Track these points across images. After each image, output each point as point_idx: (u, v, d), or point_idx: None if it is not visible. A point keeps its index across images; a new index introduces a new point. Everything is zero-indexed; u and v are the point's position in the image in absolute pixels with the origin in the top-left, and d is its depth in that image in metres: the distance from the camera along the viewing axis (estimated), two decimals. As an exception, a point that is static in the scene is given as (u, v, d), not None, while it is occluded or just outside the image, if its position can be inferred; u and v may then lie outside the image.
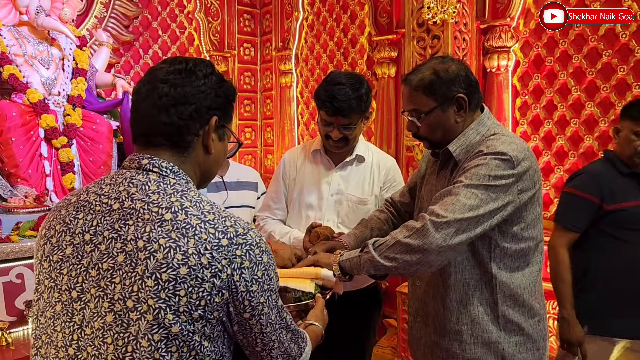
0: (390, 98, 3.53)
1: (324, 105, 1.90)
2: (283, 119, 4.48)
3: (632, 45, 2.51)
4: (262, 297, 0.93)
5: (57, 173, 2.96)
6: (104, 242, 0.91)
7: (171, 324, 0.85)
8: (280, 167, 2.17)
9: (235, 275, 0.89)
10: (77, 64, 3.18)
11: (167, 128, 0.97)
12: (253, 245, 0.92)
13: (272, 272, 0.96)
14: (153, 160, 0.97)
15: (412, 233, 1.34)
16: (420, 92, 1.46)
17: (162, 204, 0.91)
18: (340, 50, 3.97)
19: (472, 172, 1.34)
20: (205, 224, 0.89)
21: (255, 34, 4.75)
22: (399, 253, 1.36)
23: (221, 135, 1.05)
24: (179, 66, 1.00)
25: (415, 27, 2.88)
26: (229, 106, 1.06)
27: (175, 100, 0.96)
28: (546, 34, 2.82)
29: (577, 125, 2.75)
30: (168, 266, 0.85)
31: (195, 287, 0.86)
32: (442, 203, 1.35)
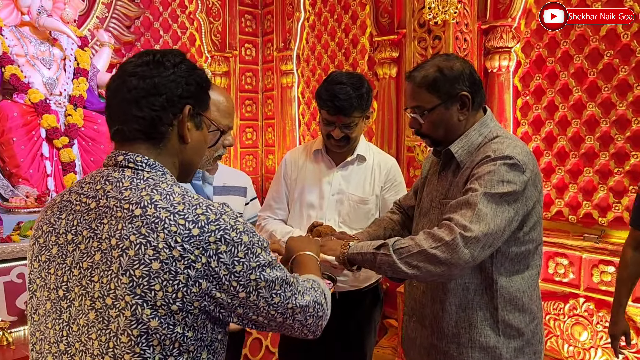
0: (391, 98, 3.53)
1: (325, 104, 1.90)
2: (284, 119, 4.48)
3: (634, 46, 2.51)
4: (253, 275, 0.91)
5: (59, 173, 2.97)
6: (84, 242, 0.92)
7: (149, 319, 0.85)
8: (282, 167, 2.18)
9: (213, 262, 0.87)
10: (79, 64, 3.18)
11: (140, 121, 0.96)
12: (227, 229, 0.90)
13: (258, 249, 0.93)
14: (128, 156, 0.97)
15: (440, 245, 1.29)
16: (423, 89, 1.44)
17: (132, 199, 0.90)
18: (341, 51, 3.97)
19: (486, 180, 1.32)
20: (175, 215, 0.88)
21: (256, 34, 4.75)
22: (423, 262, 1.31)
23: (198, 123, 1.04)
24: (146, 58, 0.99)
25: (416, 27, 2.88)
26: (203, 94, 1.05)
27: (146, 92, 0.95)
28: (547, 34, 2.82)
29: (578, 126, 2.74)
30: (140, 262, 0.85)
31: (169, 280, 0.85)
32: (463, 214, 1.30)
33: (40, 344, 0.99)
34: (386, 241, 1.39)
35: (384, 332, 3.57)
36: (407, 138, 3.02)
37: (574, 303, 2.77)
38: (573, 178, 2.79)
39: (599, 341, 2.69)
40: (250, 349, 2.79)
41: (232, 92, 4.59)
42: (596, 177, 2.70)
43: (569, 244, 2.73)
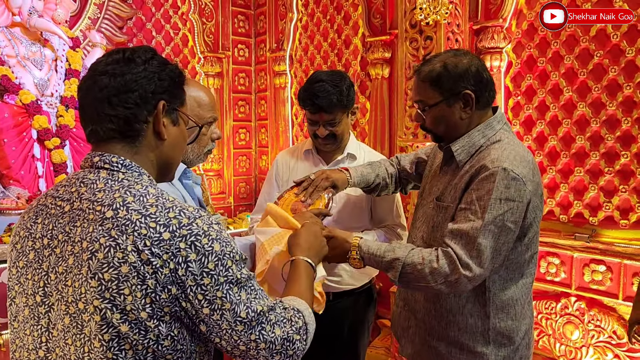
0: (384, 99, 3.54)
1: (305, 103, 1.92)
2: (277, 119, 4.48)
3: (623, 46, 2.52)
4: (220, 291, 0.87)
5: (50, 174, 2.96)
6: (59, 246, 0.91)
7: (119, 323, 0.84)
8: (273, 168, 2.18)
9: (180, 270, 0.84)
10: (70, 65, 3.17)
11: (114, 120, 0.94)
12: (199, 235, 0.86)
13: (229, 261, 0.89)
14: (104, 157, 0.95)
15: (444, 281, 1.34)
16: (427, 84, 1.45)
17: (105, 201, 0.89)
18: (334, 51, 3.98)
19: (485, 201, 1.31)
20: (146, 218, 0.85)
21: (249, 35, 4.75)
22: (426, 290, 1.41)
23: (174, 119, 1.02)
24: (116, 56, 0.97)
25: (408, 28, 2.89)
26: (177, 89, 1.03)
27: (117, 90, 0.93)
28: (538, 34, 2.83)
29: (569, 126, 2.76)
30: (109, 266, 0.83)
31: (138, 285, 0.83)
32: (464, 246, 1.33)
33: (20, 351, 0.98)
34: (397, 257, 1.39)
35: (377, 333, 3.58)
36: (400, 138, 3.02)
37: (565, 302, 2.79)
38: (564, 178, 2.81)
39: (590, 340, 2.70)
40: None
41: (225, 93, 4.59)
42: (587, 177, 2.72)
43: (560, 243, 2.75)
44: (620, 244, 2.58)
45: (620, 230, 2.62)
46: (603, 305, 2.65)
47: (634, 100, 2.52)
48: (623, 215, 2.61)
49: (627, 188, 2.58)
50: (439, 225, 1.48)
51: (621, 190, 2.60)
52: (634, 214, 2.57)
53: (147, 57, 0.98)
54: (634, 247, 2.51)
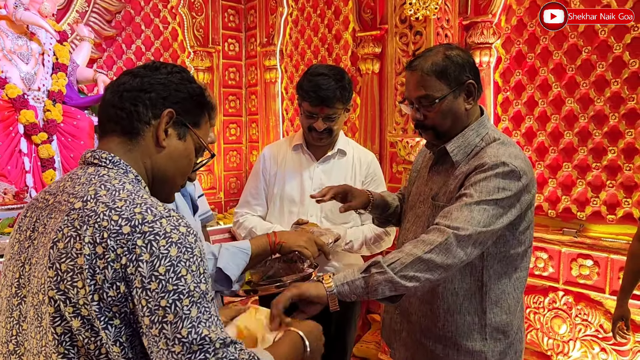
0: (374, 94, 3.53)
1: (308, 95, 1.90)
2: (268, 114, 4.46)
3: (611, 42, 2.54)
4: (164, 300, 0.78)
5: (37, 169, 2.93)
6: (37, 238, 0.91)
7: (71, 318, 0.81)
8: (260, 162, 2.16)
9: (130, 267, 0.79)
10: (58, 59, 3.14)
11: (118, 112, 0.97)
12: (159, 235, 0.81)
13: (183, 269, 0.80)
14: (95, 153, 0.96)
15: (433, 247, 1.24)
16: (433, 76, 1.39)
17: (79, 194, 0.88)
18: (324, 46, 3.96)
19: (482, 186, 1.31)
20: (111, 211, 0.83)
21: (239, 29, 4.72)
22: (420, 271, 1.24)
23: (182, 134, 1.01)
24: (149, 64, 1.02)
25: (397, 23, 2.89)
26: (195, 108, 1.03)
27: (132, 87, 0.97)
28: (527, 30, 2.84)
29: (557, 121, 2.77)
30: (67, 256, 0.82)
31: (89, 279, 0.80)
32: (455, 219, 1.27)
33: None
34: (373, 260, 1.27)
35: (367, 327, 3.59)
36: (390, 134, 3.03)
37: (553, 297, 2.81)
38: (552, 173, 2.82)
39: (577, 334, 2.73)
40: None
41: (216, 88, 4.56)
42: (575, 172, 2.74)
43: (549, 238, 2.77)
44: (607, 238, 2.61)
45: (608, 225, 2.64)
46: (590, 300, 2.68)
47: (621, 96, 2.53)
48: (610, 210, 2.63)
49: (614, 183, 2.60)
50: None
51: (608, 186, 2.62)
52: (620, 209, 2.59)
53: (174, 70, 1.01)
54: (620, 241, 2.53)
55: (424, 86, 1.41)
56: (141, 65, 1.03)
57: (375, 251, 2.08)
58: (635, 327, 2.45)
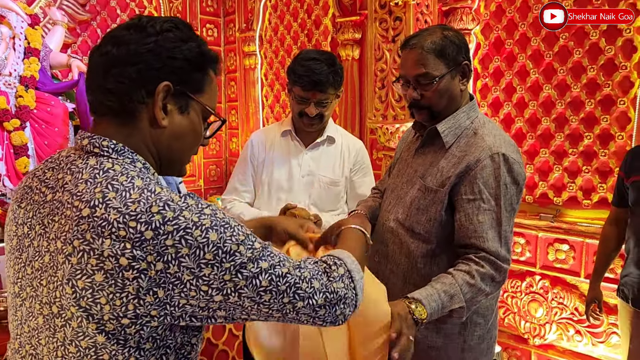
0: (354, 80, 3.51)
1: (301, 79, 1.87)
2: (247, 101, 4.42)
3: (587, 29, 2.56)
4: (227, 275, 0.77)
5: (10, 157, 2.85)
6: (36, 238, 0.83)
7: (95, 334, 0.76)
8: (248, 148, 2.13)
9: (172, 267, 0.74)
10: (30, 43, 3.04)
11: (107, 94, 0.83)
12: (189, 228, 0.75)
13: (232, 245, 0.78)
14: (93, 140, 0.84)
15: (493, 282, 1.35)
16: (433, 55, 1.39)
17: (84, 196, 0.78)
18: (304, 32, 3.92)
19: (494, 187, 1.36)
20: (125, 217, 0.74)
21: (218, 14, 4.64)
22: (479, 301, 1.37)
23: (183, 107, 0.88)
24: (131, 22, 0.85)
25: (377, 8, 2.87)
26: (194, 72, 0.88)
27: (116, 60, 0.82)
28: (506, 16, 2.85)
29: (535, 108, 2.80)
30: (82, 273, 0.75)
31: (116, 293, 0.74)
32: (493, 239, 1.34)
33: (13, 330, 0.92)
34: (457, 294, 1.30)
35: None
36: (370, 120, 3.02)
37: (530, 281, 2.85)
38: (530, 159, 2.85)
39: (553, 317, 2.78)
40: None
41: (194, 74, 4.49)
42: (552, 158, 2.77)
43: (526, 223, 2.80)
44: (583, 223, 2.65)
45: (583, 210, 2.68)
46: (566, 283, 2.73)
47: (597, 82, 2.56)
48: (586, 195, 2.67)
49: (590, 169, 2.64)
50: (426, 208, 1.46)
51: (584, 171, 2.66)
52: (596, 194, 2.63)
53: (164, 27, 0.85)
54: (595, 226, 2.57)
55: (424, 64, 1.40)
56: (125, 24, 0.86)
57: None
58: (608, 309, 2.51)
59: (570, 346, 2.74)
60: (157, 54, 0.83)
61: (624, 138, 2.52)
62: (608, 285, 2.39)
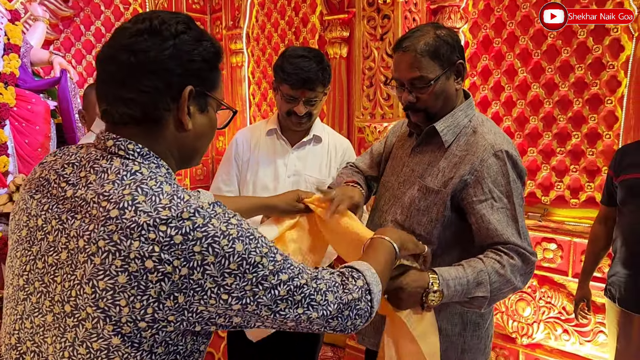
0: (342, 79, 3.48)
1: (290, 77, 1.82)
2: (234, 99, 4.36)
3: (575, 28, 2.56)
4: (248, 285, 0.79)
5: (-11, 156, 2.78)
6: (52, 233, 0.82)
7: (111, 336, 0.76)
8: (232, 147, 2.07)
9: (196, 274, 0.75)
10: (9, 39, 2.97)
11: (130, 104, 0.82)
12: (217, 236, 0.77)
13: (256, 257, 0.80)
14: (119, 142, 0.83)
15: (523, 274, 1.34)
16: (427, 57, 1.36)
17: (112, 197, 0.78)
18: (291, 30, 3.88)
19: (504, 185, 1.36)
20: (156, 220, 0.75)
21: (204, 11, 4.58)
22: (506, 293, 1.36)
23: (203, 106, 0.88)
24: (141, 25, 0.82)
25: (365, 6, 2.84)
26: (211, 71, 0.89)
27: (136, 70, 0.81)
28: (494, 15, 2.84)
29: (523, 107, 2.79)
30: (105, 273, 0.74)
31: (137, 295, 0.74)
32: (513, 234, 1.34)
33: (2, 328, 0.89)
34: (483, 272, 1.29)
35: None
36: (357, 119, 2.99)
37: (518, 280, 2.85)
38: (518, 158, 2.84)
39: (541, 316, 2.78)
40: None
41: (180, 72, 4.43)
42: (539, 157, 2.77)
43: (514, 222, 2.79)
44: (571, 222, 2.66)
45: (571, 209, 2.68)
46: (553, 283, 2.73)
47: (585, 81, 2.56)
48: (573, 194, 2.67)
49: (578, 168, 2.64)
50: (427, 209, 1.43)
51: (572, 170, 2.66)
52: (583, 193, 2.63)
53: (179, 30, 0.83)
54: (583, 225, 2.58)
55: (419, 67, 1.37)
56: (134, 28, 0.83)
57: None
58: (596, 308, 2.51)
59: (558, 345, 2.74)
60: (178, 59, 0.83)
61: (611, 137, 2.52)
62: (596, 284, 2.38)
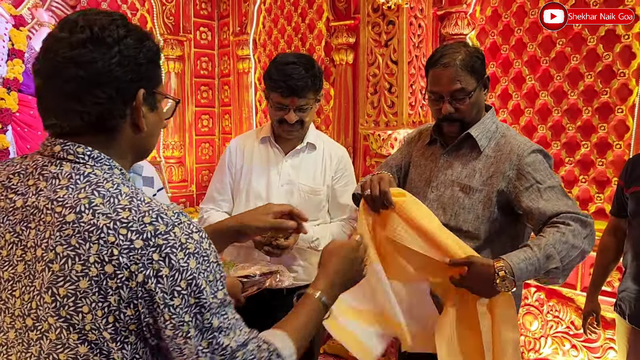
0: (348, 85, 3.45)
1: (278, 85, 1.80)
2: (241, 106, 4.35)
3: (585, 35, 2.49)
4: (188, 315, 0.76)
5: (-8, 161, 2.78)
6: (6, 247, 0.79)
7: (77, 345, 0.73)
8: (226, 155, 2.05)
9: (150, 283, 0.73)
10: (14, 44, 2.98)
11: (85, 116, 0.80)
12: (176, 247, 0.75)
13: (203, 281, 0.77)
14: (67, 147, 0.81)
15: (586, 236, 1.40)
16: (466, 71, 1.52)
17: (67, 202, 0.76)
18: (297, 36, 3.86)
19: (543, 173, 1.48)
20: (116, 223, 0.73)
21: (212, 17, 4.58)
22: (578, 261, 1.41)
23: (152, 104, 0.88)
24: (81, 35, 0.78)
25: (370, 12, 2.80)
26: (155, 69, 0.88)
27: (87, 83, 0.78)
28: (502, 21, 2.78)
29: (531, 115, 2.72)
30: (65, 279, 0.72)
31: (99, 302, 0.72)
32: (567, 205, 1.43)
33: None
34: (548, 246, 1.35)
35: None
36: (361, 127, 2.95)
37: (525, 293, 2.77)
38: (526, 167, 2.78)
39: (549, 330, 2.70)
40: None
41: (187, 77, 4.43)
42: (548, 167, 2.69)
43: (521, 233, 2.72)
44: (580, 234, 2.57)
45: (580, 220, 2.60)
46: (562, 296, 2.65)
47: (595, 89, 2.49)
48: (582, 205, 2.59)
49: (587, 178, 2.56)
50: (472, 207, 1.56)
51: (581, 181, 2.58)
52: (593, 205, 2.55)
53: (121, 34, 0.81)
54: (592, 238, 2.49)
55: (460, 80, 1.52)
56: (76, 40, 0.78)
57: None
58: (606, 323, 2.42)
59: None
60: (126, 65, 0.81)
61: (622, 147, 2.45)
62: (606, 299, 2.31)
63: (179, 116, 4.41)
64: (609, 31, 2.42)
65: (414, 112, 2.78)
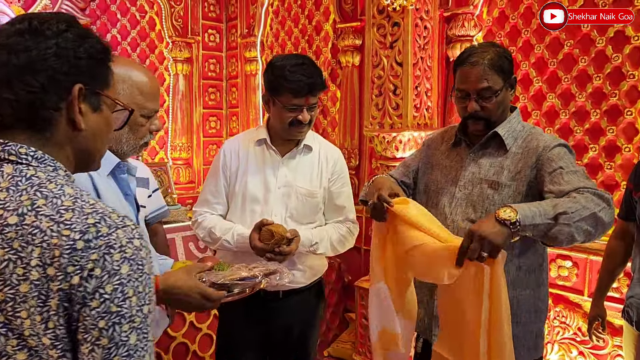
0: (354, 87, 3.44)
1: (296, 86, 1.78)
2: (248, 107, 4.36)
3: (594, 36, 2.45)
4: (103, 321, 0.71)
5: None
6: None
7: (15, 352, 0.72)
8: (220, 158, 2.02)
9: (81, 285, 0.70)
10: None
11: (14, 104, 0.78)
12: (114, 248, 0.72)
13: (130, 290, 0.73)
14: (8, 147, 0.79)
15: (603, 207, 1.34)
16: (494, 70, 1.53)
17: (9, 205, 0.74)
18: (304, 38, 3.86)
19: (567, 160, 1.48)
20: (59, 225, 0.71)
21: (220, 19, 4.60)
22: (590, 226, 1.33)
23: (95, 105, 0.85)
24: (20, 25, 0.79)
25: (375, 13, 2.79)
26: (100, 68, 0.86)
27: (19, 70, 0.77)
28: (509, 23, 2.75)
29: (538, 118, 2.69)
30: (5, 283, 0.70)
31: (38, 307, 0.70)
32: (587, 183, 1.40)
33: None
34: (562, 208, 1.31)
35: (345, 326, 3.51)
36: (366, 128, 2.93)
37: (531, 298, 2.73)
38: (533, 171, 2.74)
39: (555, 336, 2.65)
40: (174, 356, 2.62)
41: (195, 79, 4.45)
42: (555, 170, 2.65)
43: (528, 238, 2.69)
44: (587, 239, 2.53)
45: (588, 225, 2.56)
46: (569, 302, 2.60)
47: (603, 91, 2.45)
48: (590, 209, 2.55)
49: (595, 182, 2.51)
50: (502, 202, 1.56)
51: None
52: (601, 209, 2.51)
53: (61, 28, 0.80)
54: (600, 243, 2.44)
55: (487, 79, 1.53)
56: (13, 28, 0.79)
57: (339, 251, 1.99)
58: (614, 330, 2.38)
59: (573, 368, 2.61)
60: (63, 57, 0.80)
61: (631, 150, 2.40)
62: (614, 305, 2.26)
63: (187, 118, 4.44)
64: (618, 32, 2.38)
65: (418, 114, 2.76)
